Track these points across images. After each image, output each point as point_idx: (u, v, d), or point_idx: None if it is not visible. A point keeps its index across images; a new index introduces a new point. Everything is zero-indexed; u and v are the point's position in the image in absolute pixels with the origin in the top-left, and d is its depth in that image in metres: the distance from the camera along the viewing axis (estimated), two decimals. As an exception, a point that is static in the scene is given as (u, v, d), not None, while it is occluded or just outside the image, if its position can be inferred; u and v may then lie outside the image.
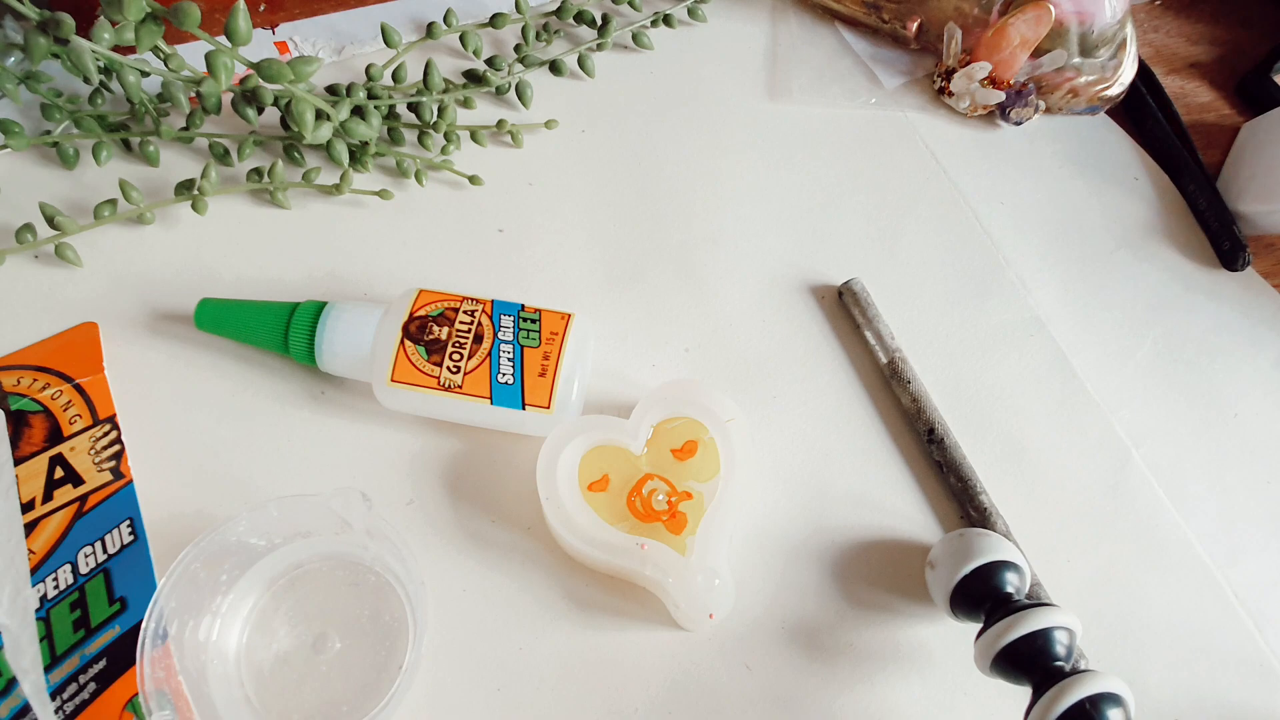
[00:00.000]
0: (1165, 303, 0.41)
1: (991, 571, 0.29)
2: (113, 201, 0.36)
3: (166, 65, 0.34)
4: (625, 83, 0.46)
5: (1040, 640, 0.27)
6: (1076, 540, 0.34)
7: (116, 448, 0.30)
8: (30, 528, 0.28)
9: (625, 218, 0.41)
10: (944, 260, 0.41)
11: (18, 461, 0.29)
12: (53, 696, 0.26)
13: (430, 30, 0.43)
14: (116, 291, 0.35)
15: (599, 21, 0.46)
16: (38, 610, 0.27)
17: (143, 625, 0.25)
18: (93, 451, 0.30)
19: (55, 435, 0.30)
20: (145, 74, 0.35)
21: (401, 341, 0.30)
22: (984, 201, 0.43)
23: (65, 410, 0.31)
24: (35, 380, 0.31)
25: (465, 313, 0.31)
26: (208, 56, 0.33)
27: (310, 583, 0.29)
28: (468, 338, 0.31)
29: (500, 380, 0.30)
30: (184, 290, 0.34)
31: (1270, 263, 0.44)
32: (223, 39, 0.33)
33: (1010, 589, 0.29)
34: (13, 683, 0.25)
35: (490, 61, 0.44)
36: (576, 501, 0.29)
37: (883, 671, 0.30)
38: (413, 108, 0.41)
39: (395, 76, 0.42)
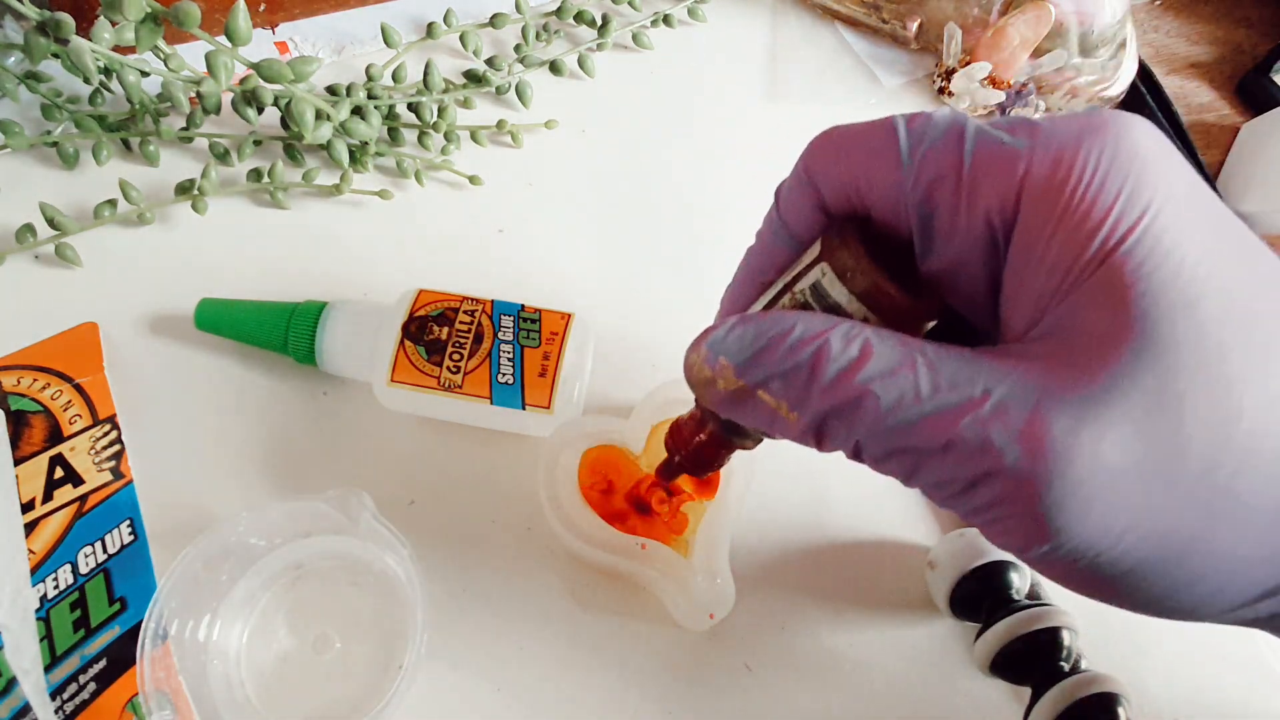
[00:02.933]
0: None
1: (991, 571, 0.29)
2: (113, 201, 0.36)
3: (166, 65, 0.34)
4: (625, 83, 0.46)
5: (1040, 640, 0.27)
6: (1076, 540, 0.34)
7: (116, 448, 0.30)
8: (30, 528, 0.28)
9: (625, 218, 0.41)
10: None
11: (18, 461, 0.29)
12: (53, 696, 0.26)
13: (430, 30, 0.43)
14: (116, 291, 0.35)
15: (599, 21, 0.46)
16: (38, 610, 0.27)
17: (143, 625, 0.25)
18: (93, 451, 0.30)
19: (55, 435, 0.30)
20: (145, 74, 0.35)
21: (401, 341, 0.30)
22: (984, 201, 0.43)
23: (65, 410, 0.31)
24: (35, 380, 0.31)
25: (465, 313, 0.31)
26: (208, 56, 0.33)
27: (311, 583, 0.29)
28: (468, 338, 0.31)
29: (500, 380, 0.30)
30: (184, 290, 0.34)
31: (1270, 263, 0.44)
32: (223, 39, 0.33)
33: (1010, 589, 0.29)
34: (13, 683, 0.25)
35: (490, 61, 0.44)
36: (576, 501, 0.29)
37: (883, 672, 0.30)
38: (413, 108, 0.41)
39: (395, 76, 0.42)
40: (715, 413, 0.21)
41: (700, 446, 0.23)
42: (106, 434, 0.31)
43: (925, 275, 0.18)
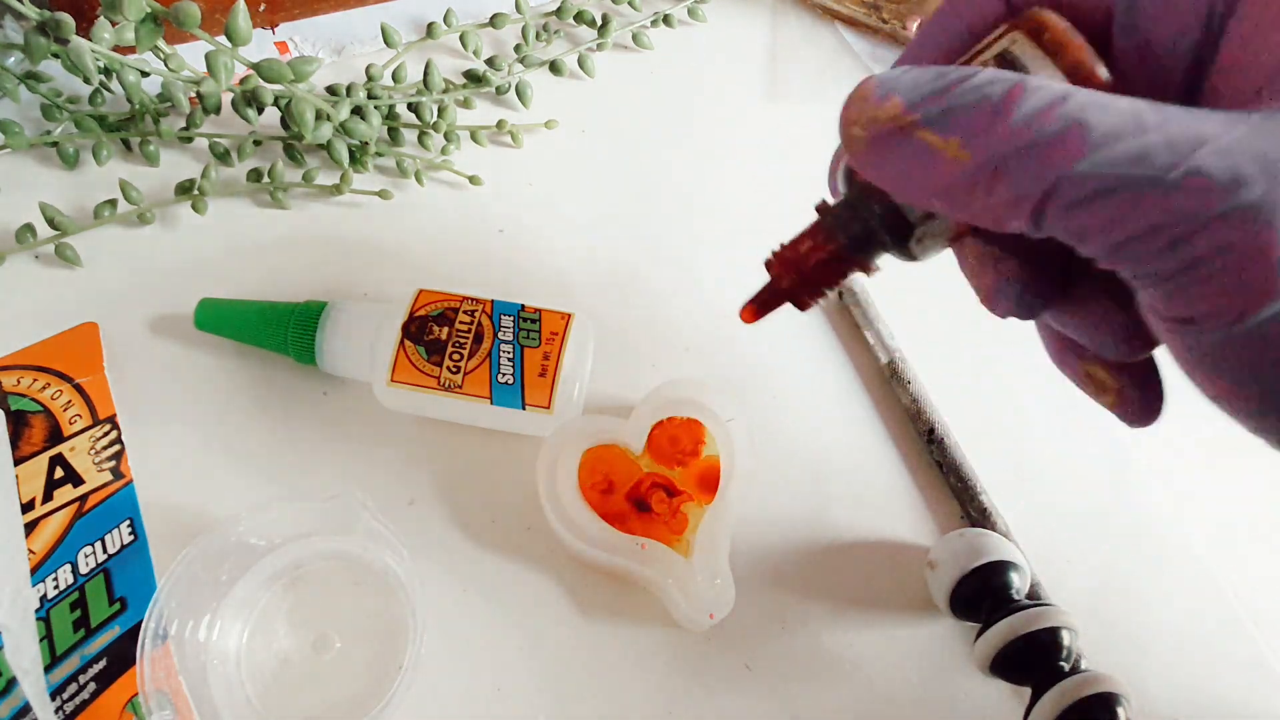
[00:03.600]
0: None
1: (991, 571, 0.29)
2: (113, 201, 0.36)
3: (166, 65, 0.34)
4: (625, 83, 0.46)
5: (1040, 640, 0.27)
6: (1076, 540, 0.34)
7: (116, 448, 0.30)
8: (30, 528, 0.28)
9: (625, 218, 0.41)
10: (943, 260, 0.41)
11: (18, 461, 0.29)
12: (53, 696, 0.26)
13: (430, 30, 0.43)
14: (116, 291, 0.35)
15: (599, 21, 0.46)
16: (38, 610, 0.27)
17: (143, 625, 0.25)
18: (93, 451, 0.30)
19: (55, 435, 0.30)
20: (145, 74, 0.35)
21: (401, 341, 0.30)
22: (984, 201, 0.43)
23: (65, 410, 0.31)
24: (35, 380, 0.31)
25: (465, 313, 0.31)
26: (208, 56, 0.33)
27: (311, 583, 0.29)
28: (468, 338, 0.31)
29: (500, 380, 0.30)
30: (184, 290, 0.34)
31: (1270, 263, 0.44)
32: (223, 39, 0.33)
33: (1010, 589, 0.29)
34: (13, 683, 0.25)
35: (490, 61, 0.44)
36: (576, 501, 0.29)
37: (883, 671, 0.30)
38: (412, 108, 0.41)
39: (395, 76, 0.42)
40: (853, 174, 0.19)
41: (817, 265, 0.20)
42: (106, 434, 0.31)
43: (1120, 56, 0.16)
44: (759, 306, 0.22)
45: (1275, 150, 0.13)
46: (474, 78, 0.43)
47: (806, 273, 0.21)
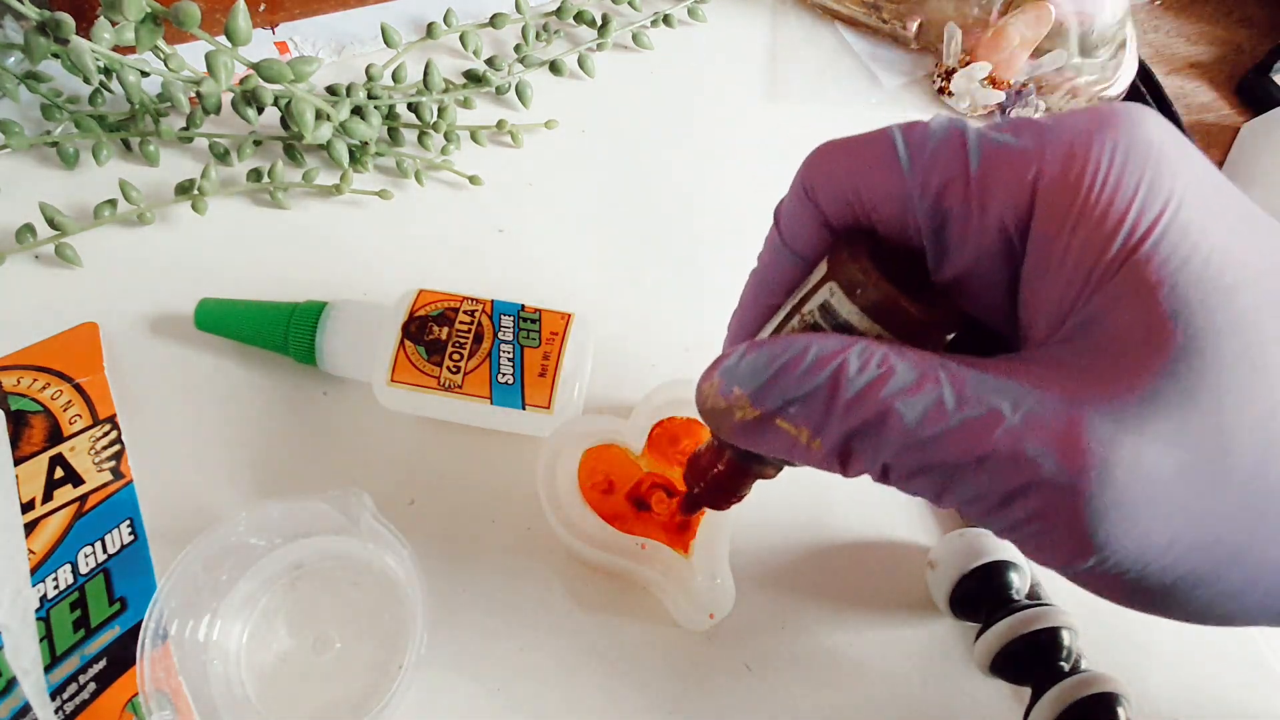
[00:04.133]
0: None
1: (991, 571, 0.29)
2: (113, 201, 0.36)
3: (166, 65, 0.34)
4: (625, 83, 0.46)
5: (1040, 640, 0.27)
6: (1076, 540, 0.34)
7: (116, 448, 0.30)
8: (30, 528, 0.28)
9: (625, 218, 0.41)
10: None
11: (18, 461, 0.29)
12: (53, 696, 0.26)
13: (430, 30, 0.43)
14: (116, 291, 0.35)
15: (599, 21, 0.46)
16: (38, 610, 0.27)
17: (143, 625, 0.25)
18: (93, 451, 0.30)
19: (55, 435, 0.30)
20: (145, 74, 0.35)
21: (401, 341, 0.30)
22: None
23: (65, 410, 0.31)
24: (35, 380, 0.31)
25: (465, 313, 0.31)
26: (208, 56, 0.33)
27: (311, 583, 0.29)
28: (468, 338, 0.31)
29: (500, 380, 0.30)
30: (184, 290, 0.34)
31: (1270, 263, 0.44)
32: (223, 39, 0.33)
33: (1010, 589, 0.29)
34: (13, 683, 0.25)
35: (490, 61, 0.44)
36: (576, 501, 0.29)
37: (883, 671, 0.30)
38: (412, 108, 0.41)
39: (395, 76, 0.42)
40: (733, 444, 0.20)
41: (719, 477, 0.22)
42: (106, 434, 0.31)
43: (940, 284, 0.18)
44: (686, 509, 0.25)
45: (1059, 426, 0.14)
46: (474, 78, 0.43)
47: (711, 484, 0.23)
